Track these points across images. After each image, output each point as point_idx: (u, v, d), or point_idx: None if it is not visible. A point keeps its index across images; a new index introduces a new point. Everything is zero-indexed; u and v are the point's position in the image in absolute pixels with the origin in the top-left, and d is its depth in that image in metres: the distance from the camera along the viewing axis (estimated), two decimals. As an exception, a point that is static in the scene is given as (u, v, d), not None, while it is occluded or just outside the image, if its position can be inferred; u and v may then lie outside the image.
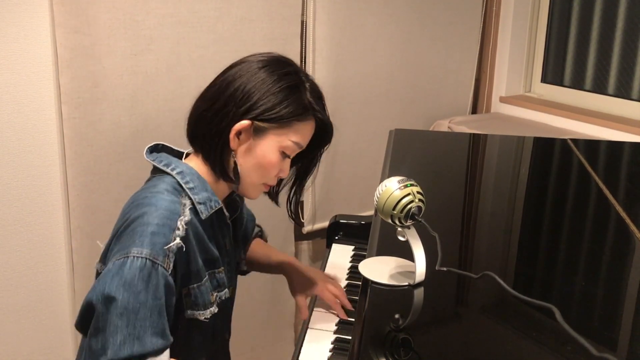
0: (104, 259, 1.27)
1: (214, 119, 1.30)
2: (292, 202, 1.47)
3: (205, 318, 1.29)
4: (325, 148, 1.44)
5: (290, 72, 1.33)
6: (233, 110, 1.29)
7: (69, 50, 1.84)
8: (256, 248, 1.66)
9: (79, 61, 1.86)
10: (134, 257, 1.15)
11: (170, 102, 2.05)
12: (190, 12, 2.02)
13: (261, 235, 1.71)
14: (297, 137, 1.32)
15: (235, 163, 1.32)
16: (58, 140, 1.89)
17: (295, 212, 1.50)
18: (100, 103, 1.92)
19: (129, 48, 1.93)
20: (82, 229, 1.97)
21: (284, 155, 1.33)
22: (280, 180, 1.42)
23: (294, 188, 1.46)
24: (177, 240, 1.19)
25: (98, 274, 1.29)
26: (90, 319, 1.17)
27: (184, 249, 1.22)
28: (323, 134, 1.39)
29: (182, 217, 1.23)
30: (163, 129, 2.05)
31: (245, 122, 1.28)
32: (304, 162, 1.44)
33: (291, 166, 1.41)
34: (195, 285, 1.27)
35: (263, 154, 1.31)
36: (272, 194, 1.46)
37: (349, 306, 1.52)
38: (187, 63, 2.06)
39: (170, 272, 1.18)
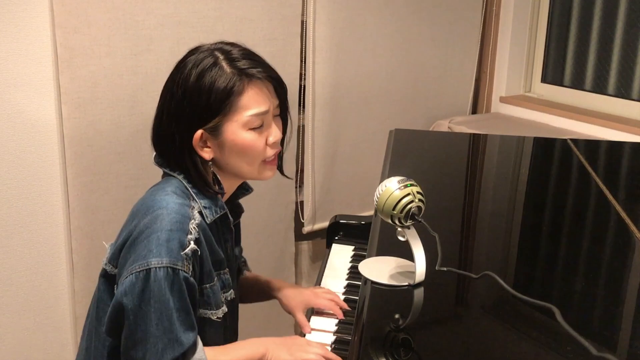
0: (115, 261, 1.28)
1: (170, 147, 1.31)
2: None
3: (217, 317, 1.31)
4: (286, 101, 1.38)
5: (204, 56, 1.29)
6: (179, 134, 1.29)
7: (69, 50, 1.84)
8: (243, 279, 1.64)
9: (79, 61, 1.86)
10: (156, 268, 1.18)
11: (170, 102, 2.05)
12: (190, 12, 2.02)
13: (245, 265, 1.68)
14: (249, 109, 1.28)
15: (214, 173, 1.32)
16: (58, 140, 1.89)
17: (281, 165, 1.45)
18: (100, 103, 1.92)
19: (129, 48, 1.93)
20: (82, 229, 1.97)
21: (255, 128, 1.30)
22: (282, 144, 1.40)
23: None
24: (192, 244, 1.22)
25: (107, 273, 1.31)
26: (119, 322, 1.21)
27: (199, 253, 1.24)
28: (275, 87, 1.34)
29: (192, 220, 1.24)
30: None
31: (197, 134, 1.28)
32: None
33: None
34: (207, 285, 1.29)
35: (233, 142, 1.29)
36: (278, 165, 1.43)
37: (345, 306, 1.52)
38: (187, 63, 2.05)
39: (190, 273, 1.22)
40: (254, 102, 1.29)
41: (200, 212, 1.28)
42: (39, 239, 1.93)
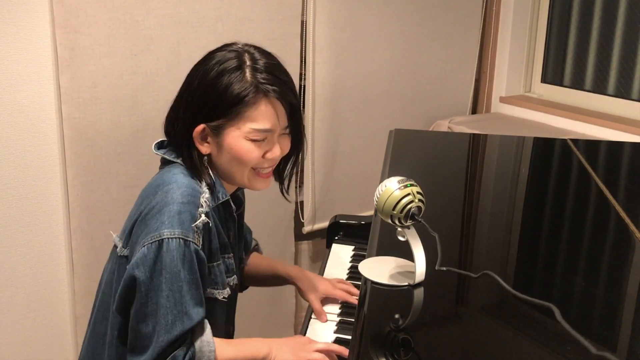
0: (127, 241, 1.30)
1: (177, 132, 1.33)
2: (284, 176, 1.45)
3: (223, 297, 1.32)
4: (302, 125, 1.38)
5: (230, 56, 1.30)
6: (183, 120, 1.31)
7: (69, 50, 1.84)
8: (258, 261, 1.66)
9: (79, 61, 1.86)
10: (168, 238, 1.19)
11: (170, 102, 2.03)
12: (190, 12, 2.02)
13: (257, 248, 1.70)
14: (253, 123, 1.28)
15: (208, 167, 1.33)
16: (58, 140, 1.89)
17: (287, 186, 1.47)
18: (100, 103, 1.92)
19: (129, 48, 1.93)
20: (82, 229, 1.97)
21: (256, 140, 1.29)
22: (282, 162, 1.41)
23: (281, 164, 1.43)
24: (203, 217, 1.23)
25: (119, 256, 1.32)
26: (131, 297, 1.21)
27: (210, 225, 1.25)
28: (291, 111, 1.34)
29: (203, 194, 1.26)
30: (163, 129, 2.05)
31: (199, 127, 1.30)
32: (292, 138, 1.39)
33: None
34: (215, 263, 1.30)
35: (230, 147, 1.30)
36: (281, 182, 1.45)
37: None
38: (187, 63, 2.03)
39: (200, 246, 1.23)
40: (261, 117, 1.29)
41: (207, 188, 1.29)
42: (39, 239, 1.93)
